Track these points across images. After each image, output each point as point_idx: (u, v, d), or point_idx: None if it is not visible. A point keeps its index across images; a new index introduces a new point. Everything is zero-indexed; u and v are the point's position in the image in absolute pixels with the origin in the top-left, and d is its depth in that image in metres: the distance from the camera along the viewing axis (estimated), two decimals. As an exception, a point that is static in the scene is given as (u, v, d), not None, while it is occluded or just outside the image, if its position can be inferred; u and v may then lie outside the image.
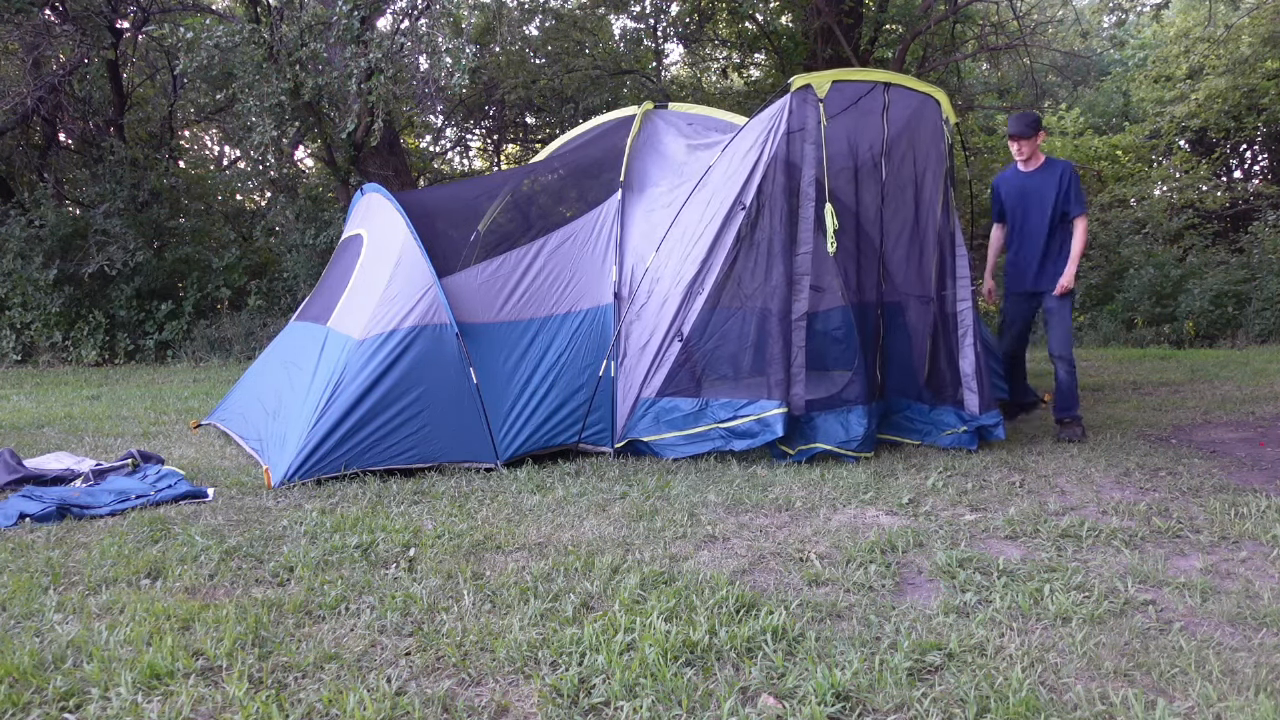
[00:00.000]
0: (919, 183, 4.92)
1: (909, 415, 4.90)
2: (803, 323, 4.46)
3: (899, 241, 4.96)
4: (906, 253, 4.95)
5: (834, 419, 4.49)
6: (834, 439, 4.45)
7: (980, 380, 4.67)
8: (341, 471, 4.15)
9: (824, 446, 4.43)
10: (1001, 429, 4.66)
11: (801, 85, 4.47)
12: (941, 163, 4.82)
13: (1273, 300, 10.91)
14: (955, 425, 4.72)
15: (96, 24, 11.73)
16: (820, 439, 4.45)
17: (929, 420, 4.85)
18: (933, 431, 4.81)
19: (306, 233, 11.91)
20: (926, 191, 4.89)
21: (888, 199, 4.84)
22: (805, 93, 4.48)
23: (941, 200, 4.81)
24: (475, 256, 4.88)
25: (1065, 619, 2.37)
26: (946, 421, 4.77)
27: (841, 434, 4.45)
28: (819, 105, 4.46)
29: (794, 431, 4.44)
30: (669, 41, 16.47)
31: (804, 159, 4.50)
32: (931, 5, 12.84)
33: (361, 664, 2.18)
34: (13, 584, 2.74)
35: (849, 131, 4.84)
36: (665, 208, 4.98)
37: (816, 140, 4.47)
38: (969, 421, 4.66)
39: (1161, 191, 15.32)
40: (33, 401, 7.70)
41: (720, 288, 4.58)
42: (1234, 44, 13.98)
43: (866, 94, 4.71)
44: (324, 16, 9.88)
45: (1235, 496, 3.59)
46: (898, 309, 4.98)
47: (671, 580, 2.71)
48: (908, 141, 4.91)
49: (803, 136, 4.50)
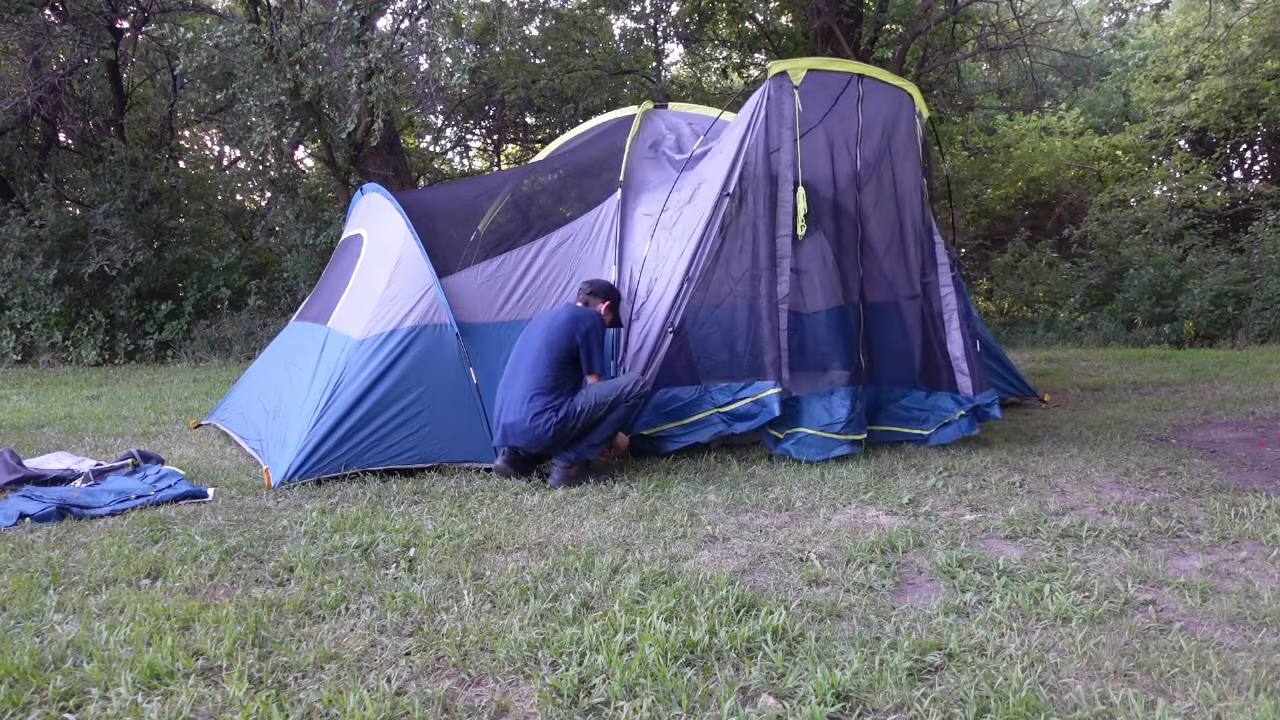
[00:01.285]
0: (895, 173, 4.96)
1: (906, 405, 4.93)
2: (784, 305, 4.53)
3: (880, 233, 4.98)
4: (888, 244, 4.99)
5: (817, 402, 4.52)
6: (818, 422, 4.47)
7: (970, 362, 4.78)
8: (341, 471, 4.15)
9: (807, 431, 4.46)
10: (997, 409, 4.79)
11: (778, 72, 4.57)
12: (917, 156, 4.87)
13: (1273, 300, 10.91)
14: (952, 410, 4.78)
15: (96, 24, 11.73)
16: (805, 423, 4.48)
17: (926, 407, 4.89)
18: (930, 419, 4.84)
19: (306, 233, 11.91)
20: (904, 184, 4.94)
21: (864, 190, 4.87)
22: (781, 79, 4.58)
23: (918, 192, 4.89)
24: (475, 256, 4.88)
25: (1065, 619, 2.37)
26: (944, 407, 4.83)
27: (825, 417, 4.47)
28: (794, 92, 4.53)
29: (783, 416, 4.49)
30: (669, 41, 16.48)
31: (781, 143, 4.56)
32: (931, 5, 12.84)
33: (361, 664, 2.18)
34: (13, 584, 2.74)
35: (826, 124, 4.86)
36: (665, 208, 4.99)
37: (792, 125, 4.55)
38: (965, 404, 4.73)
39: (1161, 191, 15.33)
40: (33, 401, 7.70)
41: (709, 275, 4.62)
42: (1234, 44, 13.98)
43: (844, 90, 4.73)
44: (324, 16, 9.89)
45: (1235, 496, 3.59)
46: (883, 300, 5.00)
47: (671, 580, 2.71)
48: (882, 134, 4.94)
49: (780, 122, 4.56)
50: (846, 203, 4.82)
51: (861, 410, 4.56)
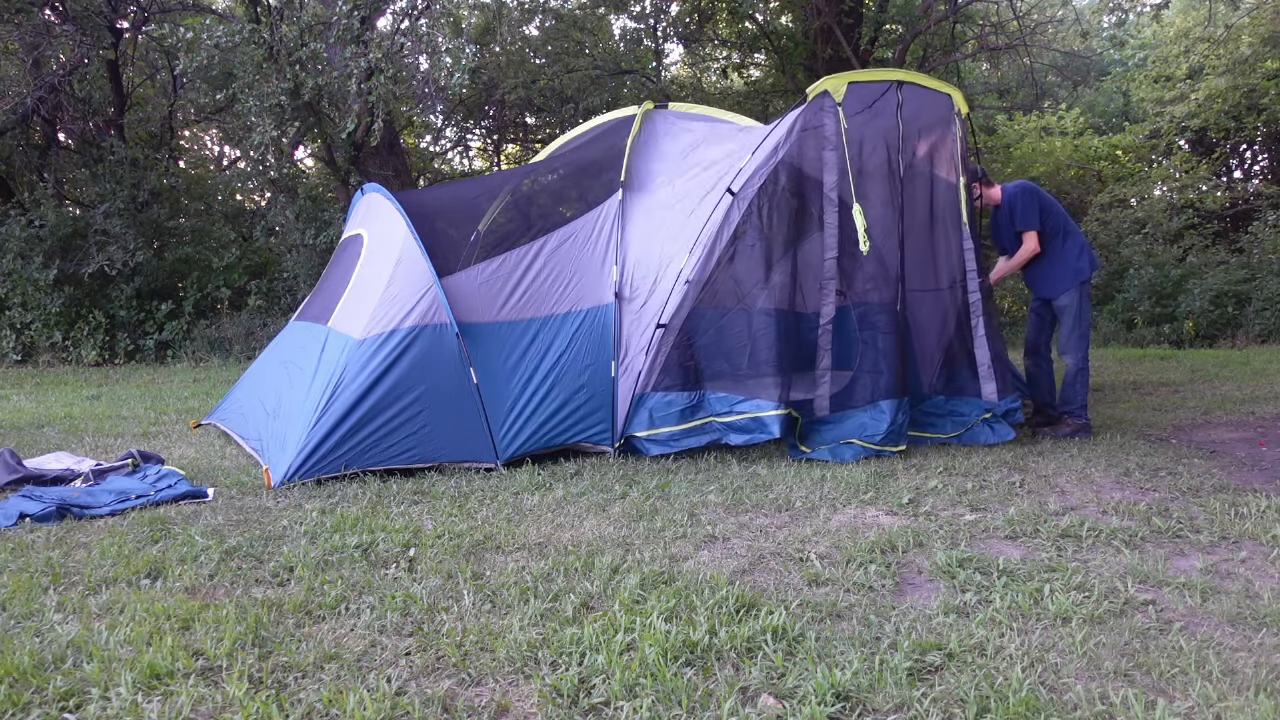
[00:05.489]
0: (933, 178, 4.97)
1: (925, 409, 4.94)
2: (830, 327, 4.56)
3: (913, 238, 4.98)
4: (920, 248, 4.99)
5: (858, 416, 4.54)
6: (857, 435, 4.50)
7: (996, 368, 4.81)
8: (341, 471, 4.15)
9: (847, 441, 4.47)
10: (1020, 414, 4.86)
11: (819, 93, 4.48)
12: (954, 157, 4.85)
13: (1273, 300, 10.91)
14: (971, 414, 4.80)
15: (96, 24, 11.73)
16: (844, 435, 4.51)
17: (945, 411, 4.91)
18: (948, 423, 4.85)
19: (306, 233, 11.90)
20: (940, 187, 4.93)
21: (905, 196, 4.88)
22: (822, 99, 4.50)
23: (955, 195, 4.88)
24: (475, 256, 4.88)
25: (1065, 619, 2.37)
26: (963, 411, 4.84)
27: (862, 430, 4.49)
28: (838, 109, 4.47)
29: (815, 430, 4.53)
30: (669, 41, 16.47)
31: (824, 164, 4.54)
32: (931, 5, 12.84)
33: (361, 664, 2.18)
34: (13, 584, 2.74)
35: (864, 131, 4.86)
36: (665, 207, 4.99)
37: (838, 145, 4.49)
38: (991, 408, 4.76)
39: (1161, 191, 15.32)
40: (33, 401, 7.70)
41: (717, 284, 4.60)
42: (1234, 44, 13.99)
43: (881, 95, 4.72)
44: (324, 16, 9.89)
45: (1235, 496, 3.59)
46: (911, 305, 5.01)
47: (671, 580, 2.71)
48: (921, 137, 4.95)
49: (819, 142, 4.52)
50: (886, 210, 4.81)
51: (903, 422, 4.53)
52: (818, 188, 4.62)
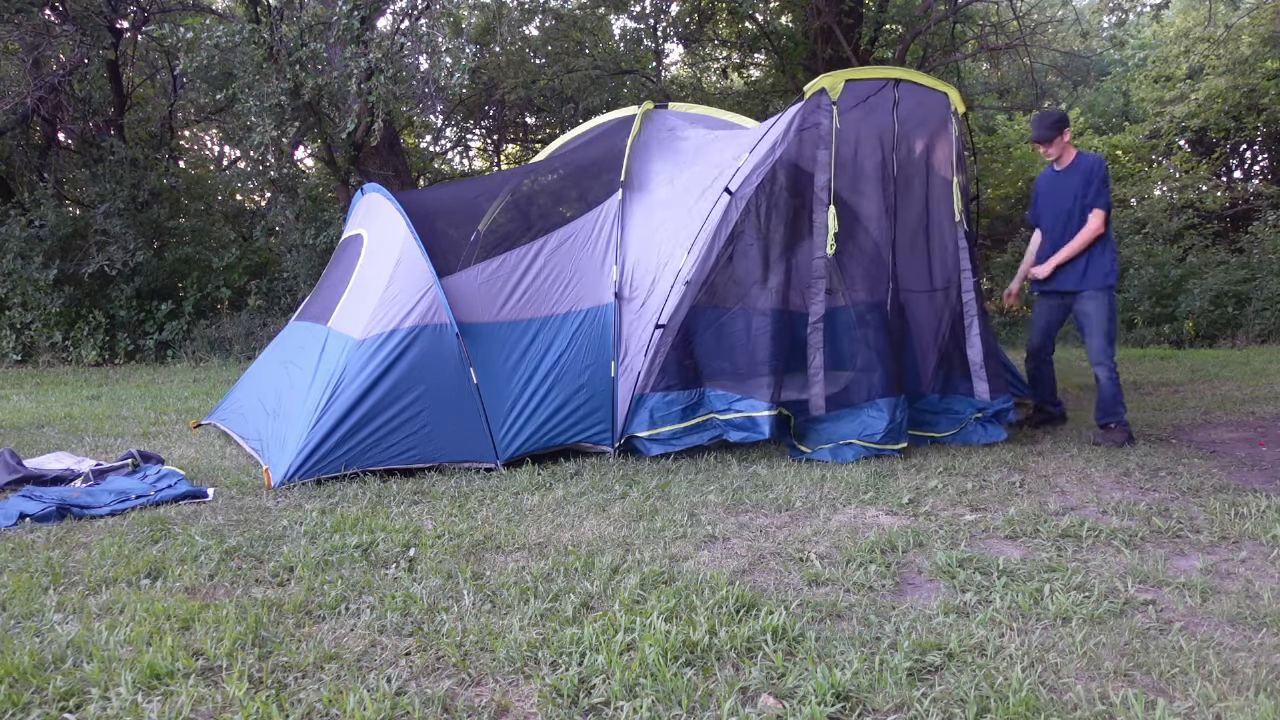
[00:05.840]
0: (928, 177, 4.96)
1: (919, 408, 4.94)
2: (820, 325, 4.54)
3: (907, 237, 4.99)
4: (913, 247, 4.99)
5: (857, 415, 4.54)
6: (856, 434, 4.50)
7: (988, 368, 4.81)
8: (341, 471, 4.15)
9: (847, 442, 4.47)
10: (1013, 414, 4.85)
11: (816, 91, 4.47)
12: (950, 156, 4.85)
13: (1273, 300, 10.91)
14: (965, 413, 4.82)
15: (96, 24, 11.72)
16: (844, 435, 4.51)
17: (941, 409, 4.92)
18: (941, 422, 4.87)
19: (306, 233, 11.90)
20: (936, 185, 4.93)
21: (899, 195, 4.87)
22: (819, 98, 4.49)
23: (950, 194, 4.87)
24: (475, 256, 4.88)
25: (1065, 619, 2.37)
26: (958, 409, 4.86)
27: (862, 429, 4.49)
28: (833, 108, 4.46)
29: (814, 430, 4.53)
30: (669, 41, 16.46)
31: (816, 163, 4.53)
32: (931, 5, 12.84)
33: (361, 664, 2.18)
34: (13, 584, 2.74)
35: (859, 129, 4.86)
36: (665, 207, 4.99)
37: (828, 144, 4.48)
38: (984, 408, 4.77)
39: (1161, 191, 15.32)
40: (33, 401, 7.70)
41: (715, 284, 4.61)
42: (1234, 44, 13.99)
43: (877, 92, 4.72)
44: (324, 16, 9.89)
45: (1235, 496, 3.59)
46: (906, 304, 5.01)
47: (671, 580, 2.71)
48: (917, 136, 4.94)
49: (815, 140, 4.51)
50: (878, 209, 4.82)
51: (901, 421, 4.52)
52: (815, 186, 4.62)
